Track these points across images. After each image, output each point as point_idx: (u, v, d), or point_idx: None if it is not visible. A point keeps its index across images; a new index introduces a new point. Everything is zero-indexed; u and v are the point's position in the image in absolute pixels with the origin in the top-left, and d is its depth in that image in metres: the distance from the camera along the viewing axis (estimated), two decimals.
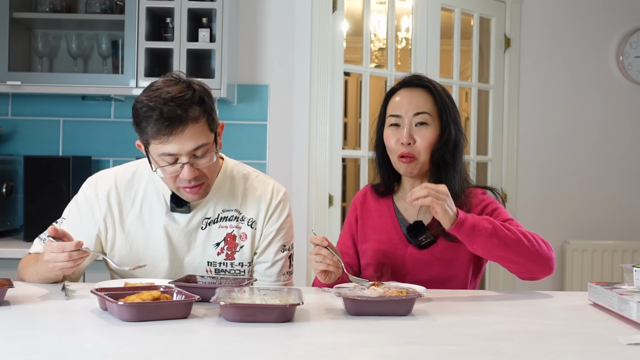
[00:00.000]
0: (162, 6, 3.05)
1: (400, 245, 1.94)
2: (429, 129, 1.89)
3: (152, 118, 1.69)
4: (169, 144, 1.70)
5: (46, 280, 1.82)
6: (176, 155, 1.73)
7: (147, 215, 1.88)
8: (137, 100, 1.75)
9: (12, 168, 3.20)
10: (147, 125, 1.70)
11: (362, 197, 2.06)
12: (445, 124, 1.90)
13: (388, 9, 3.68)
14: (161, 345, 1.25)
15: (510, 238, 1.73)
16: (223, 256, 1.89)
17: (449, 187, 1.84)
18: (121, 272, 1.90)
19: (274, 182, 1.97)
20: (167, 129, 1.68)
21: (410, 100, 1.91)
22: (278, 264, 1.93)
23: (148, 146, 1.76)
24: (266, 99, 3.36)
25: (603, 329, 1.44)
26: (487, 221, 1.74)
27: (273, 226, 1.92)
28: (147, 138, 1.73)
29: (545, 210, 4.04)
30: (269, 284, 1.92)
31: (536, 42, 4.04)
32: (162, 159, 1.74)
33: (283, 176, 3.34)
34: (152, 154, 1.76)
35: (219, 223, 1.89)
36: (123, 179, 1.91)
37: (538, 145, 4.05)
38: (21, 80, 3.02)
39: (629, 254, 3.98)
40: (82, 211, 1.91)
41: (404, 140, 1.88)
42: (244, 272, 1.91)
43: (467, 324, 1.46)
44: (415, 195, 1.69)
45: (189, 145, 1.71)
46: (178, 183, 1.77)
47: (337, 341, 1.30)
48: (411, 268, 1.92)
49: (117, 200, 1.89)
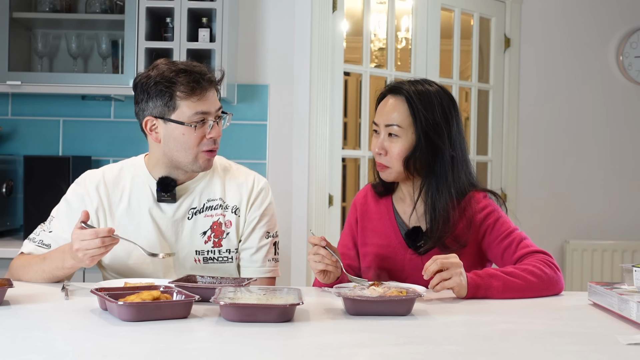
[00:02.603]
0: (162, 6, 3.05)
1: (399, 249, 1.94)
2: (399, 140, 1.89)
3: (185, 78, 1.80)
4: (203, 102, 1.83)
5: (52, 278, 1.82)
6: (207, 113, 1.84)
7: (135, 207, 1.93)
8: (148, 75, 1.84)
9: (12, 168, 3.20)
10: (178, 85, 1.80)
11: (362, 198, 2.06)
12: (425, 133, 1.87)
13: (388, 9, 3.68)
14: (161, 345, 1.25)
15: (520, 286, 1.75)
16: (210, 244, 1.93)
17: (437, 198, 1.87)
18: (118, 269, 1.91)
19: (255, 173, 2.04)
20: (202, 86, 1.82)
21: (386, 111, 1.92)
22: (263, 249, 1.97)
23: (173, 111, 1.82)
24: (266, 99, 3.36)
25: (603, 329, 1.44)
26: (495, 279, 1.74)
27: (256, 212, 1.97)
28: (175, 101, 1.81)
29: (545, 210, 4.04)
30: (255, 269, 1.96)
31: (536, 42, 4.04)
32: (194, 118, 1.83)
33: (283, 176, 3.34)
34: (180, 117, 1.83)
35: (204, 212, 1.94)
36: (110, 174, 1.97)
37: (538, 145, 4.05)
38: (21, 80, 3.02)
39: (629, 254, 3.98)
40: (73, 207, 1.93)
41: (376, 150, 1.92)
42: (231, 258, 1.95)
43: (467, 324, 1.46)
44: (429, 274, 1.69)
45: (217, 104, 1.88)
46: (202, 146, 1.86)
47: (337, 341, 1.30)
48: (411, 273, 1.92)
49: (106, 193, 1.93)
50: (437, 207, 1.89)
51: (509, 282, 1.75)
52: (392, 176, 1.92)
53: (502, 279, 1.74)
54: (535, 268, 1.78)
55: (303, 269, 3.33)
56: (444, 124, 1.89)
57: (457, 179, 1.90)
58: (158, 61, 1.89)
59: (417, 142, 1.88)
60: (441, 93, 1.92)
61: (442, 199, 1.88)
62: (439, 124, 1.88)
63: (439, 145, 1.88)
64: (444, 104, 1.90)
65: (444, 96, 1.92)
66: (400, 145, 1.88)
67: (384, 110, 1.92)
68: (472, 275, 1.73)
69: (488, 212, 1.92)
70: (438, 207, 1.88)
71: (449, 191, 1.89)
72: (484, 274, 1.75)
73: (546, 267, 1.79)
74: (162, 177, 1.91)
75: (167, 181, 1.90)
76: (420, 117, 1.87)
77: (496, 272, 1.76)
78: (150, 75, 1.83)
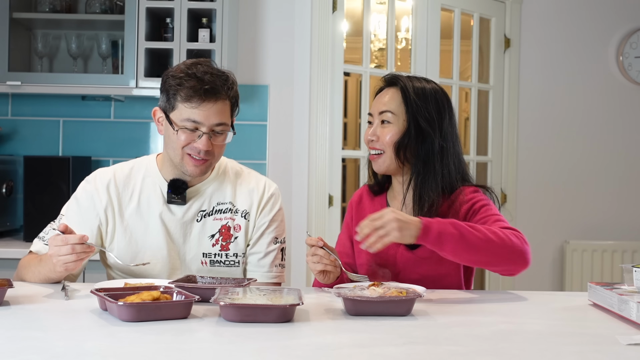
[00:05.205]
0: (162, 6, 3.05)
1: (392, 245, 1.93)
2: (391, 126, 1.92)
3: (190, 82, 1.79)
4: (197, 110, 1.80)
5: (48, 280, 1.82)
6: (199, 123, 1.81)
7: (145, 207, 1.92)
8: (173, 69, 1.85)
9: (12, 168, 3.20)
10: (182, 87, 1.80)
11: (358, 198, 2.09)
12: (416, 123, 1.90)
13: (388, 9, 3.68)
14: (161, 345, 1.25)
15: (478, 239, 1.68)
16: (218, 247, 1.93)
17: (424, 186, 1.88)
18: (123, 268, 1.91)
19: (266, 178, 2.04)
20: (201, 96, 1.79)
21: (380, 100, 1.97)
22: (270, 255, 1.97)
23: (172, 110, 1.83)
24: (266, 99, 3.36)
25: (603, 329, 1.44)
26: (453, 226, 1.69)
27: (265, 217, 1.98)
28: (176, 101, 1.81)
29: (545, 210, 4.04)
30: (261, 274, 1.96)
31: (536, 42, 4.04)
32: (184, 123, 1.81)
33: (283, 176, 3.34)
34: (175, 118, 1.83)
35: (213, 215, 1.94)
36: (121, 173, 1.96)
37: (538, 145, 4.05)
38: (21, 81, 3.02)
39: (629, 254, 3.98)
40: (82, 205, 1.93)
41: (368, 137, 1.95)
42: (238, 262, 1.95)
43: (467, 324, 1.46)
44: (361, 235, 1.66)
45: (213, 119, 1.82)
46: (188, 150, 1.83)
47: (336, 341, 1.30)
48: (403, 267, 1.93)
49: (117, 192, 1.93)
50: (423, 195, 1.89)
51: (467, 233, 1.67)
52: (385, 164, 1.93)
53: (461, 228, 1.68)
54: (500, 232, 1.72)
55: (303, 269, 3.33)
56: (435, 114, 1.92)
57: (446, 170, 1.91)
58: (189, 60, 1.90)
59: (407, 128, 1.91)
60: (436, 89, 1.97)
61: (427, 187, 1.89)
62: (430, 113, 1.91)
63: (428, 132, 1.90)
64: (438, 97, 1.95)
65: (439, 92, 1.97)
66: (392, 130, 1.92)
67: (379, 101, 1.97)
68: (428, 218, 1.70)
69: (475, 202, 1.90)
70: (424, 195, 1.89)
71: (436, 180, 1.89)
72: (443, 219, 1.70)
73: (513, 237, 1.73)
74: (173, 179, 1.91)
75: (179, 183, 1.90)
76: (412, 104, 1.91)
77: (456, 221, 1.71)
78: (172, 70, 1.85)
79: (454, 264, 1.90)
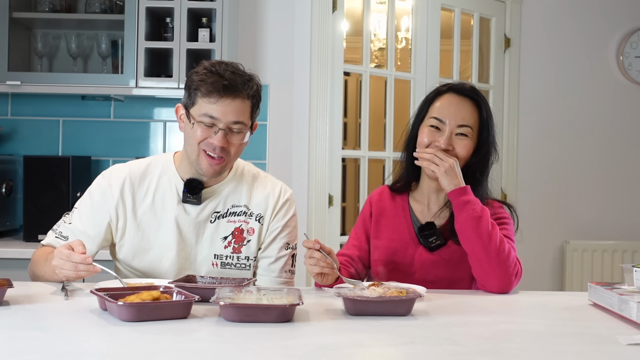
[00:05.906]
0: (162, 6, 3.05)
1: (410, 244, 1.97)
2: (467, 140, 1.95)
3: (211, 78, 1.80)
4: (215, 106, 1.81)
5: (55, 279, 1.82)
6: (216, 120, 1.81)
7: (159, 205, 1.92)
8: (198, 67, 1.88)
9: (11, 168, 3.20)
10: (203, 83, 1.81)
11: (378, 195, 2.10)
12: (485, 141, 1.97)
13: (388, 9, 3.68)
14: (161, 345, 1.25)
15: (487, 233, 1.80)
16: (230, 249, 1.93)
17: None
18: (131, 264, 1.93)
19: (282, 183, 2.04)
20: (220, 92, 1.80)
21: (458, 110, 1.96)
22: (281, 260, 1.97)
23: (192, 105, 1.84)
24: (266, 99, 3.36)
25: (603, 329, 1.44)
26: (480, 208, 1.82)
27: (279, 222, 1.97)
28: (196, 96, 1.83)
29: (545, 210, 4.04)
30: (271, 279, 1.96)
31: (536, 42, 4.04)
32: (201, 118, 1.82)
33: (283, 176, 3.33)
34: (194, 112, 1.84)
35: (227, 217, 1.94)
36: (137, 170, 1.96)
37: (538, 146, 4.05)
38: (21, 80, 3.02)
39: (629, 254, 3.98)
40: (94, 200, 1.94)
41: (442, 145, 1.92)
42: (249, 266, 1.95)
43: (467, 324, 1.46)
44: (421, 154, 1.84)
45: (231, 116, 1.82)
46: (204, 146, 1.84)
47: (336, 341, 1.30)
48: (419, 268, 1.95)
49: (131, 190, 1.93)
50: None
51: (485, 222, 1.81)
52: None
53: (484, 214, 1.82)
54: (507, 249, 1.82)
55: (303, 269, 3.31)
56: (494, 134, 2.01)
57: (487, 183, 2.01)
58: (216, 59, 1.92)
59: (478, 148, 1.97)
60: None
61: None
62: (493, 132, 2.01)
63: (490, 151, 1.99)
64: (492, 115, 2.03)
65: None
66: (468, 145, 1.95)
67: (455, 109, 1.96)
68: (470, 189, 1.86)
69: (499, 216, 1.97)
70: None
71: (479, 194, 1.94)
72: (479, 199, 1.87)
73: (511, 263, 1.82)
74: (190, 179, 1.91)
75: (195, 183, 1.90)
76: (485, 123, 1.98)
77: (487, 210, 1.85)
78: (197, 67, 1.87)
79: (469, 270, 1.91)
